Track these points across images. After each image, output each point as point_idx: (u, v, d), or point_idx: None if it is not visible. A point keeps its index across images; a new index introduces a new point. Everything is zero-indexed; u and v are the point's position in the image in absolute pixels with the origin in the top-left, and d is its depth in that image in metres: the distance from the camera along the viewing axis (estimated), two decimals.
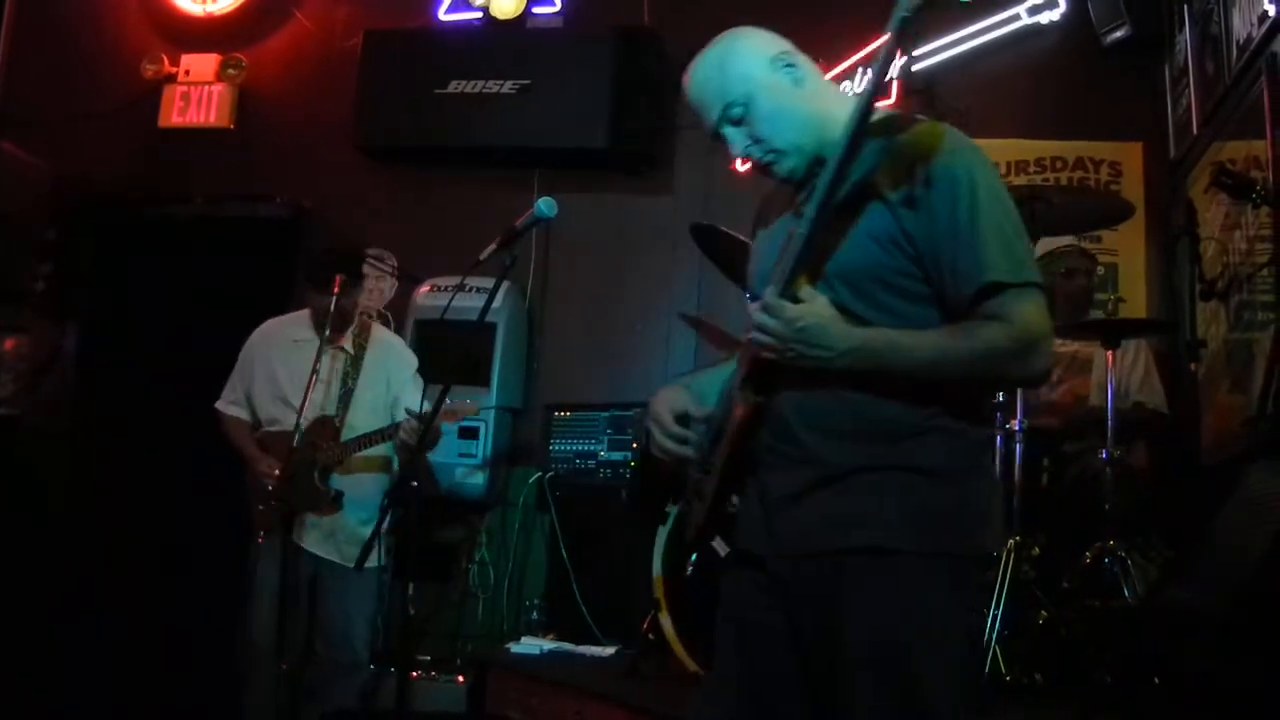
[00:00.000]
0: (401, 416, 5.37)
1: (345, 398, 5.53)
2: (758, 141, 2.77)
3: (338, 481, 5.56)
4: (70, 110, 8.18)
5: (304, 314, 5.84)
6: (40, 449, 7.58)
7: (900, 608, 2.56)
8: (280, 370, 5.77)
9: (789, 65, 2.79)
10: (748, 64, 2.79)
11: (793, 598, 2.69)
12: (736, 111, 2.76)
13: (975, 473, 2.71)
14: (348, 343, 5.71)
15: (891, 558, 2.57)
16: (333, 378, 5.67)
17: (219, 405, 5.91)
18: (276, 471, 5.53)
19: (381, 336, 5.87)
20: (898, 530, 2.58)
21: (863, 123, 2.50)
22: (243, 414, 5.86)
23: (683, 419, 2.95)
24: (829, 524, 2.63)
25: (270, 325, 5.98)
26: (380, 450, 5.64)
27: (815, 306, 2.53)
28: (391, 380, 5.77)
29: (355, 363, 5.63)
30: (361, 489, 5.68)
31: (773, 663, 2.74)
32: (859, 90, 2.57)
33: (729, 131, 2.80)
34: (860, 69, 6.91)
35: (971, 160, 2.62)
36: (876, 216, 2.61)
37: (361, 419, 5.60)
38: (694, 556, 3.09)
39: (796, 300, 2.54)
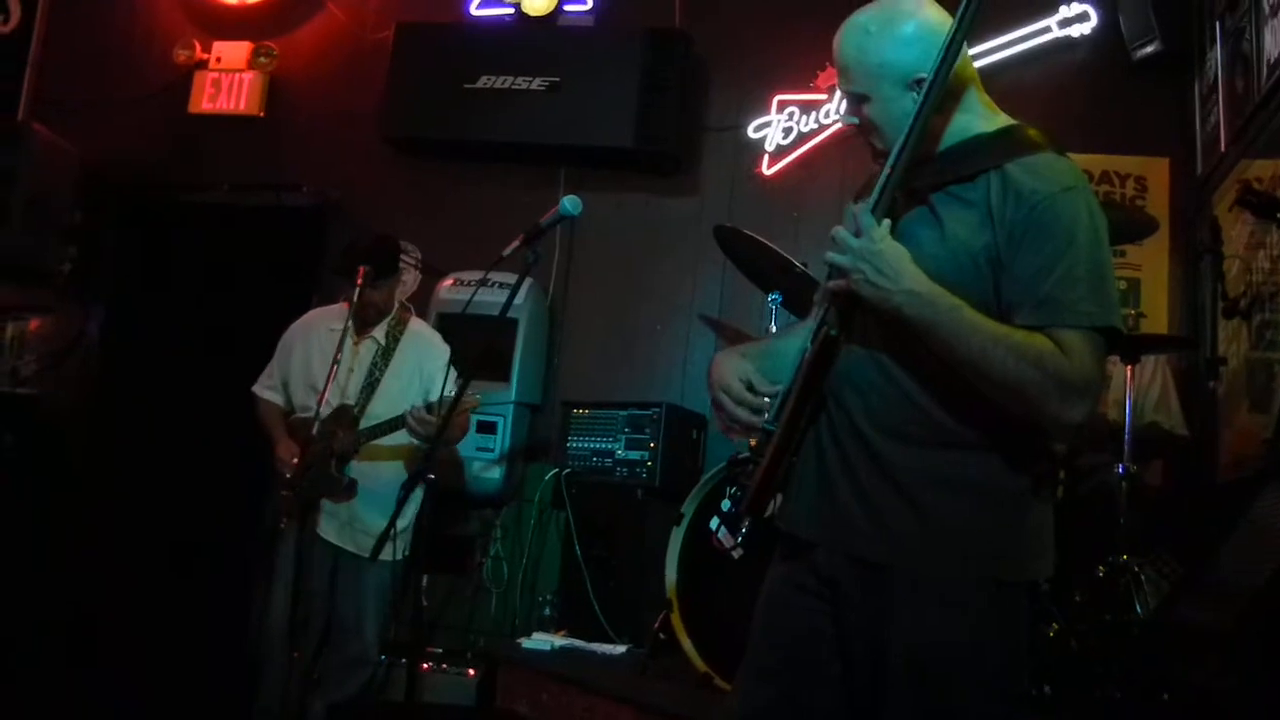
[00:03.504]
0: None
1: (370, 387, 5.56)
2: (865, 130, 2.80)
3: (357, 471, 5.57)
4: (101, 94, 8.25)
5: (342, 306, 5.88)
6: (62, 429, 7.62)
7: (946, 632, 2.56)
8: (315, 359, 5.81)
9: (919, 87, 2.66)
10: (882, 71, 2.71)
11: (840, 598, 2.69)
12: (855, 94, 2.78)
13: (1032, 497, 2.67)
14: (380, 333, 5.73)
15: (940, 581, 2.58)
16: (360, 367, 5.69)
17: (255, 388, 5.96)
18: (294, 459, 5.57)
19: (416, 328, 5.89)
20: (950, 555, 2.59)
21: (942, 81, 2.55)
22: (277, 398, 5.91)
23: (749, 389, 2.89)
24: (884, 534, 2.62)
25: (311, 315, 6.06)
26: (402, 439, 5.65)
27: (894, 242, 2.56)
28: (424, 371, 5.78)
29: (386, 353, 5.65)
30: (381, 479, 5.68)
31: (813, 664, 2.74)
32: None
33: (848, 103, 2.82)
34: None
35: (1079, 200, 2.58)
36: (980, 233, 2.59)
37: (385, 409, 5.58)
38: (746, 522, 3.02)
39: None
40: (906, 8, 2.75)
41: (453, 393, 5.30)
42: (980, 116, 2.77)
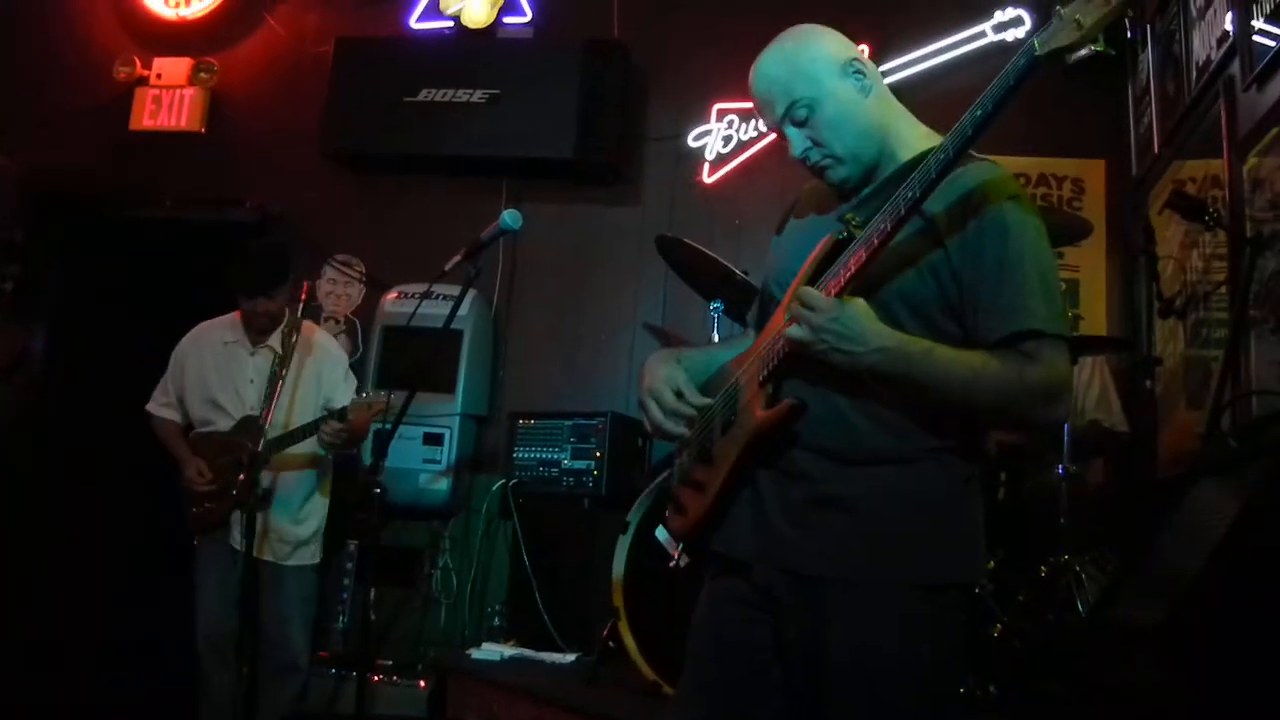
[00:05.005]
0: None
1: (272, 396, 5.55)
2: (817, 145, 2.78)
3: (266, 480, 5.58)
4: (41, 111, 8.18)
5: (233, 317, 5.90)
6: (6, 449, 7.57)
7: (883, 638, 2.59)
8: (211, 373, 5.84)
9: (858, 73, 2.79)
10: (817, 65, 2.78)
11: (779, 610, 2.71)
12: (801, 113, 2.76)
13: (963, 504, 2.71)
14: (275, 342, 5.74)
15: (874, 588, 2.61)
16: (259, 377, 5.72)
17: (150, 407, 5.98)
18: (205, 477, 5.60)
19: (311, 336, 5.92)
20: (883, 562, 2.61)
21: (961, 155, 2.50)
22: (174, 416, 5.92)
23: (679, 397, 2.92)
24: (817, 547, 2.65)
25: (201, 329, 6.06)
26: (307, 447, 5.69)
27: (854, 301, 2.54)
28: (323, 379, 5.84)
29: (283, 361, 5.64)
30: (289, 487, 5.76)
31: (753, 673, 2.76)
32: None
33: (790, 131, 2.80)
34: None
35: (1024, 210, 2.63)
36: (924, 242, 2.62)
37: (288, 417, 5.64)
38: (680, 546, 3.06)
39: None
40: (800, 26, 2.89)
41: (352, 397, 5.39)
42: (914, 136, 2.82)
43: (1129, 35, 6.68)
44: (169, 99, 8.20)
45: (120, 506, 7.81)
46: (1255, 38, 4.71)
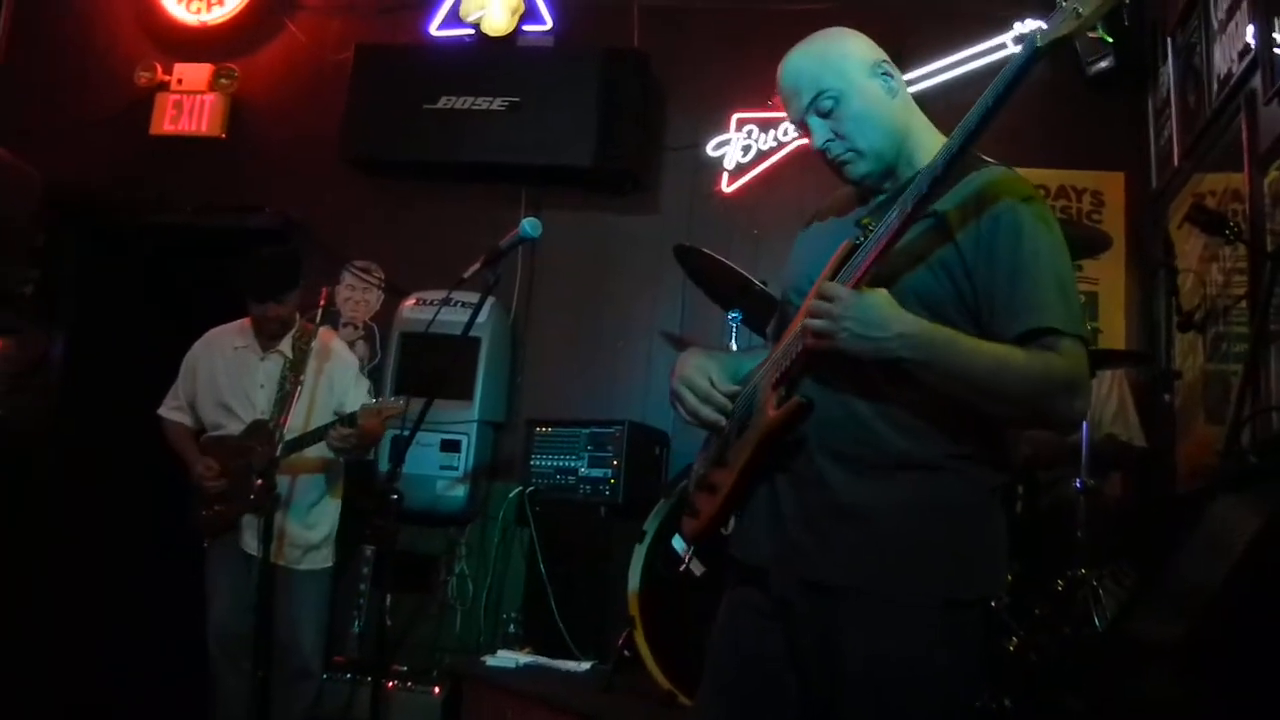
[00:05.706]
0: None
1: (283, 401, 5.56)
2: (840, 138, 2.81)
3: (283, 485, 5.59)
4: (62, 116, 8.20)
5: (243, 323, 5.93)
6: (25, 452, 7.58)
7: (898, 650, 2.59)
8: (222, 377, 5.87)
9: (886, 74, 2.84)
10: (847, 61, 2.82)
11: (795, 618, 2.72)
12: (826, 103, 2.79)
13: (984, 515, 2.72)
14: (286, 347, 5.79)
15: (889, 599, 2.61)
16: (270, 382, 5.75)
17: (161, 411, 6.02)
18: (214, 477, 5.61)
19: (322, 340, 5.91)
20: (901, 574, 2.61)
21: (967, 147, 2.55)
22: (185, 419, 5.96)
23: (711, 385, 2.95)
24: (833, 556, 2.65)
25: (212, 334, 6.09)
26: (318, 451, 5.70)
27: (874, 291, 2.56)
28: (335, 383, 5.85)
29: (295, 366, 5.65)
30: (300, 491, 5.77)
31: (768, 683, 2.77)
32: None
33: (814, 122, 2.83)
34: None
35: (1039, 210, 2.66)
36: (938, 243, 2.64)
37: (300, 421, 5.64)
38: (691, 549, 3.08)
39: None
40: (831, 28, 2.93)
41: (365, 400, 5.39)
42: (933, 143, 2.83)
43: (1126, 23, 6.65)
44: (190, 104, 8.20)
45: (138, 508, 7.81)
46: (1277, 50, 4.69)
